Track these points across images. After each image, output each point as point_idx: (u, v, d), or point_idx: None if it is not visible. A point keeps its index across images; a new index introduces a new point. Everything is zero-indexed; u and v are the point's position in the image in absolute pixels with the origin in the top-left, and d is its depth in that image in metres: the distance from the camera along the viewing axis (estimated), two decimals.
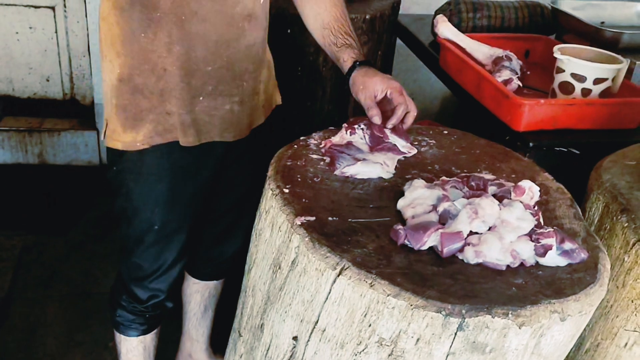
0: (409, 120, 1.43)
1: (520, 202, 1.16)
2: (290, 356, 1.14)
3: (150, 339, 1.85)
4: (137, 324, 1.80)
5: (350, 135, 1.38)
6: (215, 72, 1.51)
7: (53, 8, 3.26)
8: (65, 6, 3.26)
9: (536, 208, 1.18)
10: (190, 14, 1.43)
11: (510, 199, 1.18)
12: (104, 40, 1.52)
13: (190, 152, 1.57)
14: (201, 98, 1.53)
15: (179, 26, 1.44)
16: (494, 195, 1.19)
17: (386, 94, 1.43)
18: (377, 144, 1.38)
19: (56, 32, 3.33)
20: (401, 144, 1.40)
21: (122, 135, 1.54)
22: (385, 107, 1.43)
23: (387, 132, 1.39)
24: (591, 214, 1.43)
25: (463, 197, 1.19)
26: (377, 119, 1.39)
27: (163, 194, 1.59)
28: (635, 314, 1.29)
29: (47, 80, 3.46)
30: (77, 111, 3.52)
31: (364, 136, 1.39)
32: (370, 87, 1.44)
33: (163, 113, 1.52)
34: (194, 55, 1.47)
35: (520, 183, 1.20)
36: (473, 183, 1.24)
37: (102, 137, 1.62)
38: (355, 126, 1.39)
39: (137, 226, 1.64)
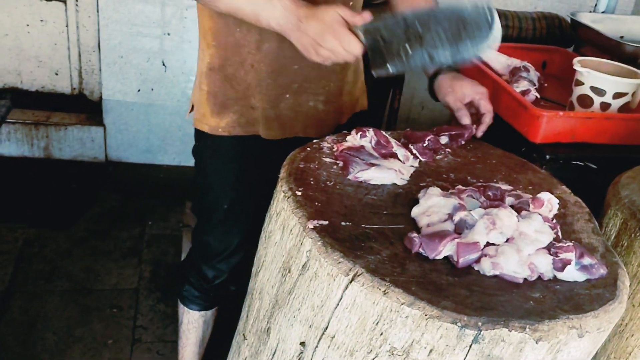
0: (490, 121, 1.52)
1: (539, 214, 1.13)
2: None
3: (210, 313, 1.93)
4: (201, 300, 1.87)
5: (361, 138, 1.36)
6: (302, 70, 1.55)
7: (65, 2, 3.25)
8: (77, 0, 3.25)
9: (554, 221, 1.15)
10: None
11: (529, 210, 1.15)
12: (200, 32, 1.60)
13: (270, 144, 1.62)
14: (287, 95, 1.59)
15: None
16: (512, 207, 1.16)
17: (473, 99, 1.51)
18: (380, 150, 1.36)
19: (67, 26, 3.31)
20: (401, 153, 1.37)
21: (210, 119, 1.63)
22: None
23: (393, 141, 1.38)
24: (608, 229, 1.40)
25: (480, 207, 1.16)
26: (466, 119, 1.50)
27: (234, 173, 1.67)
28: None
29: (56, 74, 3.44)
30: (85, 106, 3.50)
31: (371, 141, 1.37)
32: (458, 90, 1.52)
33: (247, 106, 1.60)
34: (282, 54, 1.52)
35: (539, 195, 1.17)
36: (490, 193, 1.22)
37: (187, 117, 1.75)
38: (366, 129, 1.37)
39: (208, 203, 1.73)
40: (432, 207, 1.16)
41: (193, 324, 1.92)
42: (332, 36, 1.28)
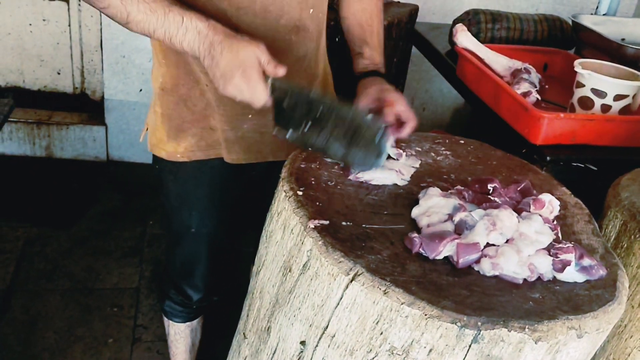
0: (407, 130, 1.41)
1: (540, 215, 1.14)
2: None
3: (197, 322, 1.90)
4: (184, 314, 1.85)
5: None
6: None
7: (67, 1, 3.26)
8: None
9: (555, 222, 1.16)
10: (232, 28, 1.34)
11: (529, 211, 1.16)
12: (152, 49, 1.52)
13: (235, 166, 1.54)
14: (250, 116, 1.47)
15: None
16: (513, 208, 1.17)
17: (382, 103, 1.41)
18: None
19: (69, 25, 3.32)
20: (392, 151, 1.36)
21: (166, 144, 1.53)
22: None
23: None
24: (608, 231, 1.41)
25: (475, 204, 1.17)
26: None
27: (200, 199, 1.58)
28: None
29: (58, 74, 3.45)
30: (87, 106, 3.51)
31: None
32: (363, 98, 1.44)
33: (206, 128, 1.49)
34: None
35: (540, 196, 1.18)
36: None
37: (140, 139, 1.64)
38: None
39: (175, 226, 1.66)
40: (432, 207, 1.16)
41: (180, 335, 1.90)
42: (241, 76, 1.22)
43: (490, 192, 1.22)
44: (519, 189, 1.25)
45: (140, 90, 3.35)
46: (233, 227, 1.72)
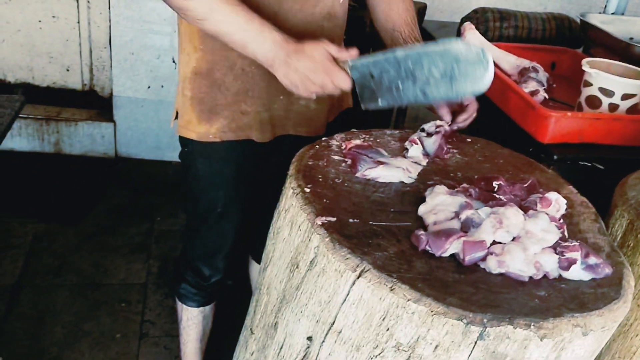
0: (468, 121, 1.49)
1: (546, 213, 1.14)
2: (304, 356, 1.12)
3: (209, 308, 1.93)
4: (199, 297, 1.87)
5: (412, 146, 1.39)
6: None
7: None
8: None
9: (561, 221, 1.16)
10: (271, 14, 1.43)
11: (536, 210, 1.16)
12: (182, 34, 1.57)
13: (262, 145, 1.61)
14: (281, 97, 1.57)
15: None
16: (520, 206, 1.17)
17: None
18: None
19: (78, 22, 3.34)
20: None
21: (197, 126, 1.58)
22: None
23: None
24: (614, 230, 1.41)
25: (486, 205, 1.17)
26: (448, 118, 1.48)
27: (229, 177, 1.65)
28: None
29: (67, 70, 3.47)
30: (96, 102, 3.53)
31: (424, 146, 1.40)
32: None
33: (238, 112, 1.56)
34: None
35: (547, 195, 1.18)
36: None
37: (171, 125, 1.71)
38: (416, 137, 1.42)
39: (202, 206, 1.70)
40: (439, 205, 1.17)
41: (193, 320, 1.92)
42: (323, 73, 1.30)
43: (496, 189, 1.23)
44: (524, 186, 1.25)
45: (149, 87, 3.36)
46: (255, 209, 1.76)
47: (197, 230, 1.76)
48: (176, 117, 1.66)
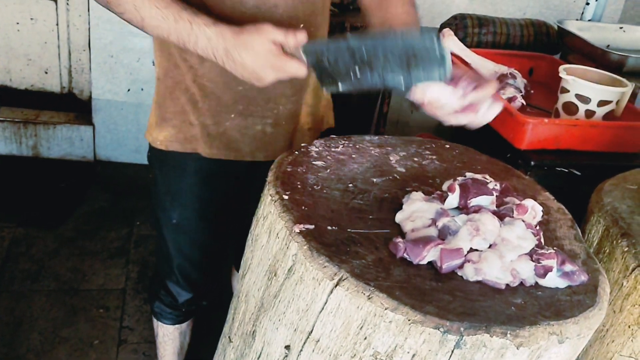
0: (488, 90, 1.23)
1: (522, 220, 1.15)
2: None
3: (186, 324, 1.90)
4: (173, 316, 1.84)
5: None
6: (246, 92, 1.48)
7: (55, 0, 3.24)
8: None
9: (537, 228, 1.17)
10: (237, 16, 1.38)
11: (512, 217, 1.17)
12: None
13: (216, 162, 1.55)
14: (232, 115, 1.51)
15: None
16: (495, 213, 1.18)
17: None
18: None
19: (57, 24, 3.31)
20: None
21: (153, 130, 1.57)
22: None
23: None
24: (590, 236, 1.42)
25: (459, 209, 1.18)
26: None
27: (183, 190, 1.59)
28: (632, 340, 1.27)
29: (46, 73, 3.44)
30: (74, 105, 3.50)
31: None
32: None
33: (186, 122, 1.52)
34: (225, 72, 1.35)
35: (523, 202, 1.19)
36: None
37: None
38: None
39: (160, 215, 1.66)
40: (416, 212, 1.17)
41: (169, 337, 1.89)
42: (271, 68, 1.22)
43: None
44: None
45: (128, 90, 3.34)
46: (217, 227, 1.71)
47: (158, 244, 1.72)
48: None
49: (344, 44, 1.21)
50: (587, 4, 2.71)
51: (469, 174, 1.25)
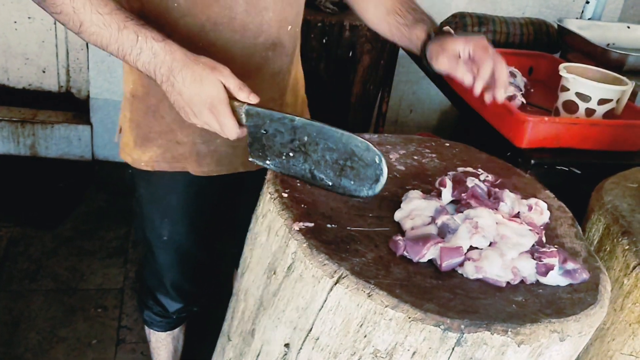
0: (502, 76, 1.25)
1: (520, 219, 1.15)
2: None
3: (178, 330, 1.87)
4: (164, 324, 1.81)
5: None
6: None
7: None
8: None
9: (541, 227, 1.16)
10: (208, 44, 1.33)
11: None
12: None
13: (207, 177, 1.51)
14: None
15: None
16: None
17: (470, 52, 1.25)
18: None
19: (55, 23, 3.30)
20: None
21: (132, 150, 1.49)
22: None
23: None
24: (591, 234, 1.42)
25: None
26: (468, 77, 1.25)
27: (172, 207, 1.55)
28: (633, 338, 1.27)
29: (43, 72, 3.43)
30: (72, 104, 3.49)
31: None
32: (449, 47, 1.27)
33: (173, 141, 1.45)
34: None
35: (528, 201, 1.19)
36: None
37: (115, 139, 1.58)
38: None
39: (148, 233, 1.61)
40: (414, 210, 1.16)
41: (162, 342, 1.87)
42: (209, 112, 1.15)
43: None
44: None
45: None
46: (207, 238, 1.69)
47: (149, 259, 1.68)
48: (120, 131, 1.55)
49: (289, 121, 1.15)
50: (587, 2, 2.71)
51: (460, 169, 1.25)
